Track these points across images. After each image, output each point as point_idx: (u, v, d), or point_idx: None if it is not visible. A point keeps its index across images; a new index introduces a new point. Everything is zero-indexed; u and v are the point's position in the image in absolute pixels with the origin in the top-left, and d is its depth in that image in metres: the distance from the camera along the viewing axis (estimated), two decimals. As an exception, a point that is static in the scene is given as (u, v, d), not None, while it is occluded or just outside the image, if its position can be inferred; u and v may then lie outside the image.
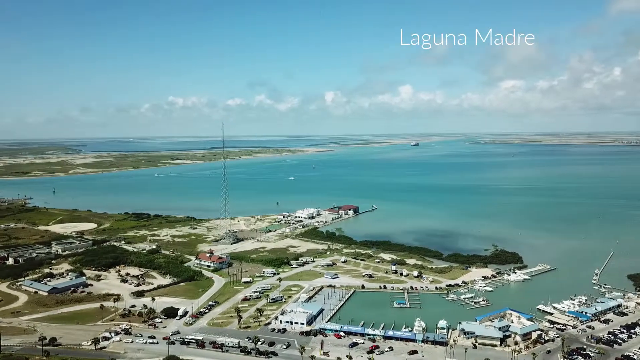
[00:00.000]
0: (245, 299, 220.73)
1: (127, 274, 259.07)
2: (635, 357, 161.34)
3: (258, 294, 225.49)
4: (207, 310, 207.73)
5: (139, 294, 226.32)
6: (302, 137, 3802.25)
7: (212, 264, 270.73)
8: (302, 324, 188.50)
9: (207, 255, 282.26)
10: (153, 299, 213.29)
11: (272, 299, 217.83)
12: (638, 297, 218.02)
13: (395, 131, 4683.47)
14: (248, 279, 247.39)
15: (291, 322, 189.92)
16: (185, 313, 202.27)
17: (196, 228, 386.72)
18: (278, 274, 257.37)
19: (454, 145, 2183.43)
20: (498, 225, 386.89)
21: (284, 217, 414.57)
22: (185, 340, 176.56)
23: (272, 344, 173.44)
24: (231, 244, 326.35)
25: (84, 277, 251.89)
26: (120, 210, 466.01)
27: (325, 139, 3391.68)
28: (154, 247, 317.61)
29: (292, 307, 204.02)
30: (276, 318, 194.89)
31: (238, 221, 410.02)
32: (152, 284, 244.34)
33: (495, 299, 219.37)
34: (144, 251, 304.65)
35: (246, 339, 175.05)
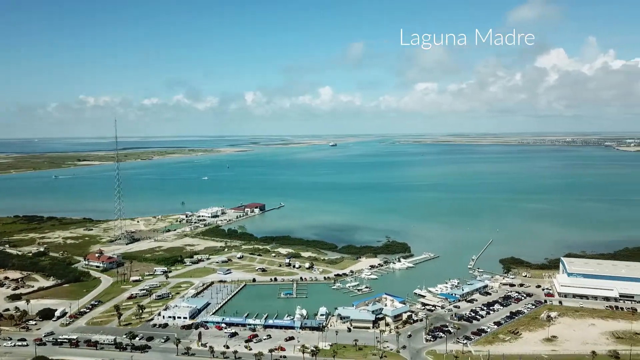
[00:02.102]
0: (130, 297, 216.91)
1: (6, 278, 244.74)
2: (488, 329, 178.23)
3: (145, 291, 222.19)
4: (88, 310, 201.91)
5: (15, 297, 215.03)
6: (222, 138, 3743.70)
7: (101, 264, 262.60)
8: (184, 318, 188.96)
9: (97, 255, 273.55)
10: (28, 302, 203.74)
11: (159, 296, 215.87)
12: (503, 278, 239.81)
13: (315, 132, 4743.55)
14: (137, 278, 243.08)
15: (174, 317, 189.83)
16: (64, 314, 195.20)
17: (92, 229, 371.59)
18: (170, 272, 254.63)
19: (370, 146, 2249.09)
20: (395, 218, 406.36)
21: (186, 216, 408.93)
22: (59, 340, 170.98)
23: (150, 338, 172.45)
24: (126, 244, 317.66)
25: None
26: (10, 214, 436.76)
27: (245, 139, 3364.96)
28: (42, 249, 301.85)
29: (177, 302, 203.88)
30: (159, 314, 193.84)
31: (138, 221, 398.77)
32: (33, 286, 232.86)
33: (378, 285, 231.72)
34: (30, 254, 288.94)
35: (124, 336, 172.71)
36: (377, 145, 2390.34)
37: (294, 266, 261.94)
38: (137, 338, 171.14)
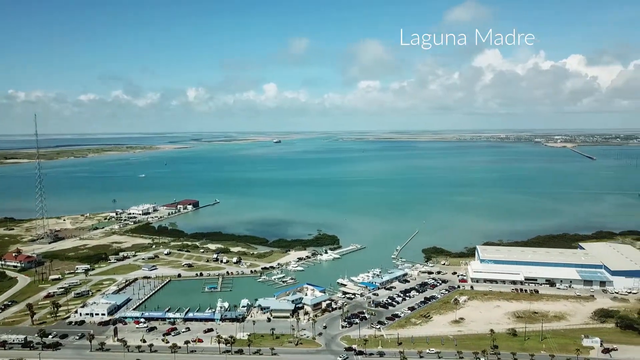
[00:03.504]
0: (48, 296, 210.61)
1: None
2: (401, 315, 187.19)
3: (63, 290, 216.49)
4: (0, 311, 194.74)
5: None
6: (163, 135, 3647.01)
7: (19, 264, 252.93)
8: (102, 314, 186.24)
9: (14, 255, 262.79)
10: None
11: (78, 294, 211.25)
12: (423, 266, 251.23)
13: (260, 129, 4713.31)
14: (56, 276, 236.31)
15: (91, 314, 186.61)
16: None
17: (13, 229, 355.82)
18: (92, 269, 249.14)
19: (314, 143, 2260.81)
20: (329, 212, 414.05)
21: (116, 214, 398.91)
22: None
23: (64, 336, 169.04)
24: (49, 243, 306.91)
25: None
26: None
27: (187, 135, 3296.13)
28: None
29: (96, 299, 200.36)
30: (76, 312, 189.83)
31: (64, 220, 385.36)
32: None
33: (304, 277, 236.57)
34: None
35: (35, 335, 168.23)
36: (321, 142, 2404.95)
37: (221, 261, 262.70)
38: (50, 336, 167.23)
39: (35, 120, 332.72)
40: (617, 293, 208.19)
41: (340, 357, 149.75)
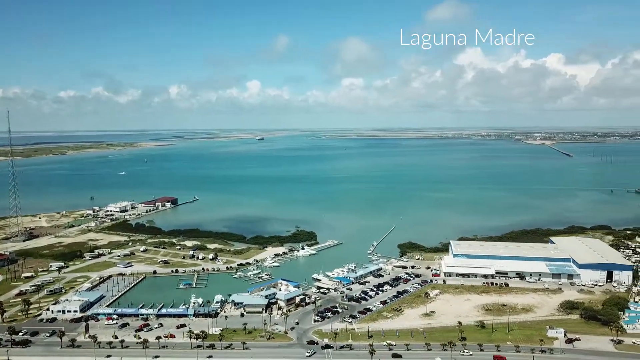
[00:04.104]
0: (20, 294, 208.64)
1: None
2: (373, 308, 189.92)
3: (35, 287, 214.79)
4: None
5: None
6: (145, 132, 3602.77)
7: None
8: (74, 311, 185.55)
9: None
10: None
11: (50, 291, 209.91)
12: (397, 261, 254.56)
13: (243, 126, 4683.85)
14: (29, 274, 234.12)
15: (63, 311, 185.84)
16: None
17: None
18: (67, 267, 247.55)
19: (297, 140, 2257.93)
20: (308, 209, 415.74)
21: (93, 211, 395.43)
22: None
23: (34, 333, 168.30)
24: (23, 241, 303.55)
25: None
26: None
27: (169, 133, 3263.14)
28: None
29: (68, 297, 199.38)
30: (48, 309, 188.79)
31: (39, 218, 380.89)
32: None
33: (280, 272, 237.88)
34: None
35: (5, 332, 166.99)
36: (304, 139, 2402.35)
37: (197, 258, 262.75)
38: (20, 334, 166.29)
39: (8, 116, 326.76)
40: (583, 285, 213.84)
41: (308, 352, 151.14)
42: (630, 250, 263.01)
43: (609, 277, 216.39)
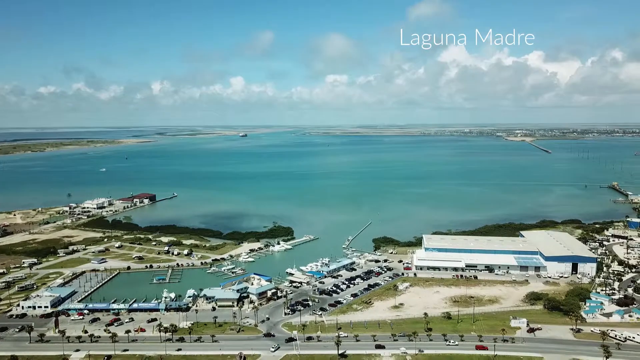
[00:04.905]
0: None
1: None
2: (344, 301, 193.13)
3: (5, 284, 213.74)
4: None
5: None
6: (127, 128, 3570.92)
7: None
8: (45, 307, 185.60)
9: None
10: None
11: (22, 287, 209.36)
12: (371, 255, 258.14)
13: (227, 123, 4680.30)
14: (1, 271, 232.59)
15: (34, 307, 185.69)
16: None
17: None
18: (40, 263, 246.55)
19: (281, 137, 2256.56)
20: (286, 205, 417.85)
21: (70, 208, 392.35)
22: None
23: (3, 329, 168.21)
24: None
25: None
26: None
27: (152, 129, 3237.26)
28: None
29: (40, 292, 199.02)
30: (18, 305, 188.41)
31: (14, 215, 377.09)
32: None
33: (255, 267, 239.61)
34: None
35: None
36: (288, 136, 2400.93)
37: (172, 253, 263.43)
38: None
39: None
40: (549, 277, 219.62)
41: (272, 348, 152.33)
42: (597, 243, 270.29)
43: (574, 269, 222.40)
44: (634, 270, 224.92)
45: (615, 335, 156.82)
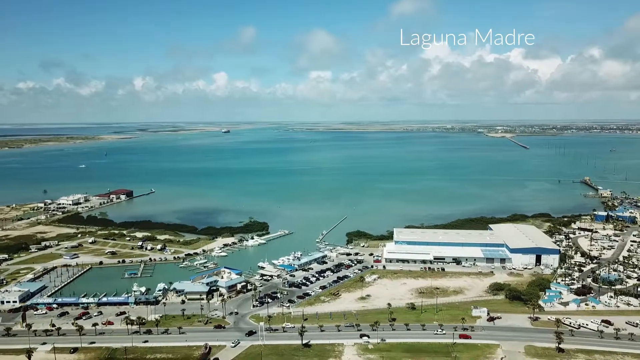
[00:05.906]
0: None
1: None
2: (312, 293, 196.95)
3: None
4: None
5: None
6: (109, 125, 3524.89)
7: None
8: (13, 302, 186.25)
9: None
10: None
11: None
12: (343, 248, 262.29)
13: (211, 119, 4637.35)
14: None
15: (2, 302, 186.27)
16: None
17: None
18: (11, 259, 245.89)
19: (264, 133, 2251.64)
20: (264, 200, 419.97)
21: (45, 204, 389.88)
22: None
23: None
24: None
25: None
26: None
27: (134, 126, 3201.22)
28: None
29: (8, 288, 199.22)
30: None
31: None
32: None
33: (227, 262, 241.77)
34: None
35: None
36: (271, 132, 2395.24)
37: (146, 248, 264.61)
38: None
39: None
40: (514, 269, 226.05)
41: (233, 343, 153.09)
42: (563, 236, 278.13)
43: (538, 260, 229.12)
44: (595, 261, 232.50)
45: (570, 323, 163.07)
